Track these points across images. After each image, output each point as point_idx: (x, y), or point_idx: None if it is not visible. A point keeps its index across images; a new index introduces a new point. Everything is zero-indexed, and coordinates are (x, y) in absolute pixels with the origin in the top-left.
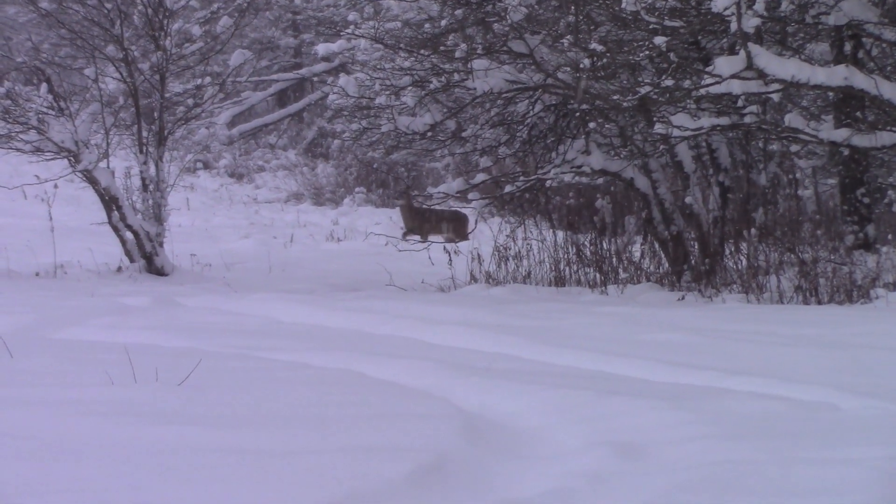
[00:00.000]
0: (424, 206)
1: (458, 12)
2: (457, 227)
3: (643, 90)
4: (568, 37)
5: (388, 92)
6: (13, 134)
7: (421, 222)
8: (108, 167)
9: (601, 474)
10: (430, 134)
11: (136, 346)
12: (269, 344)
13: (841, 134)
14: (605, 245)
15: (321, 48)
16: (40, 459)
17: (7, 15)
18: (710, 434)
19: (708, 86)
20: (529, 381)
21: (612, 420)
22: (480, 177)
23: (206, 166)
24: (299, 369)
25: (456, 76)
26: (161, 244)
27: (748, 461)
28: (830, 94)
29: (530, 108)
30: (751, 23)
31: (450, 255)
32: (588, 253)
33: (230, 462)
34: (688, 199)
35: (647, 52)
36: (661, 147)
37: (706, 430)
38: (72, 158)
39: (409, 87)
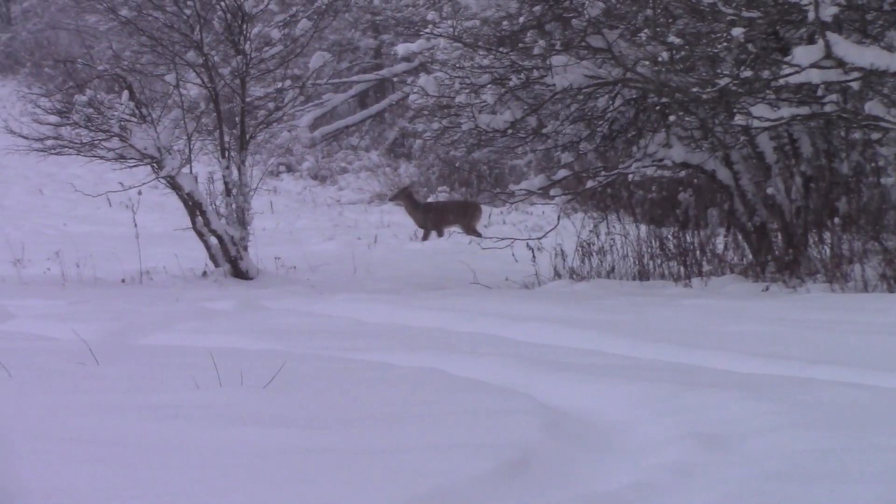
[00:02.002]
0: (427, 201)
1: (536, 9)
2: (465, 218)
3: (722, 82)
4: (646, 30)
5: (467, 90)
6: (96, 142)
7: (427, 217)
8: (190, 172)
9: (685, 466)
10: (510, 131)
11: (221, 350)
12: (354, 344)
13: None
14: (688, 238)
15: (401, 48)
16: (126, 465)
17: (88, 23)
18: (794, 423)
19: (787, 76)
20: (613, 375)
21: (695, 412)
22: (562, 173)
23: (289, 169)
24: (384, 369)
25: (535, 73)
26: (245, 248)
27: (833, 450)
28: None
29: (610, 102)
30: (829, 11)
31: (533, 252)
32: (671, 246)
33: (316, 462)
34: (770, 190)
35: (725, 44)
36: (742, 138)
37: (790, 419)
38: (155, 165)
39: (489, 85)
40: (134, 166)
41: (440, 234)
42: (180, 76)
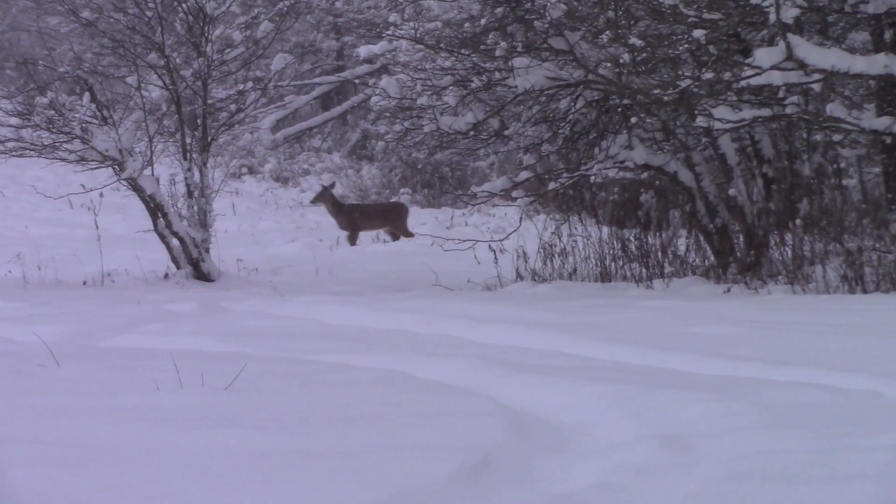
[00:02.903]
0: (352, 203)
1: (498, 10)
2: (394, 220)
3: (683, 84)
4: (607, 32)
5: (429, 92)
6: (58, 144)
7: (352, 219)
8: (152, 174)
9: (647, 467)
10: (472, 133)
11: (182, 352)
12: (316, 346)
13: (883, 122)
14: (650, 239)
15: (363, 50)
16: (86, 467)
17: (49, 25)
18: (755, 424)
19: (748, 77)
20: (575, 377)
21: (657, 413)
22: (524, 174)
23: (251, 171)
24: (346, 371)
25: (497, 74)
26: (207, 250)
27: (793, 450)
28: (871, 82)
29: (572, 104)
30: (790, 13)
31: (495, 253)
32: (633, 248)
33: (278, 465)
34: (732, 192)
35: (686, 46)
36: (704, 140)
37: (751, 420)
38: (116, 167)
39: (451, 87)
40: (96, 168)
41: (354, 240)
42: (142, 78)
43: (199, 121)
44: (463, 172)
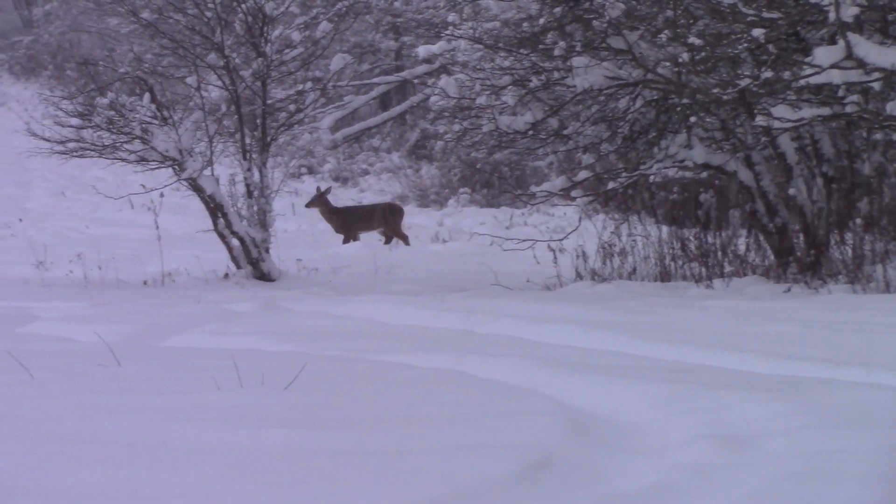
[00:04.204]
0: (346, 206)
1: (557, 10)
2: (388, 221)
3: (743, 83)
4: (666, 31)
5: (488, 92)
6: (118, 144)
7: (346, 222)
8: (212, 175)
9: (706, 467)
10: (531, 132)
11: (242, 352)
12: (375, 346)
13: None
14: (709, 239)
15: (421, 50)
16: (147, 466)
17: (110, 26)
18: (814, 424)
19: (808, 76)
20: (634, 377)
21: (716, 413)
22: (583, 174)
23: (311, 171)
24: (405, 370)
25: (556, 74)
26: (267, 250)
27: (853, 450)
28: None
29: (631, 103)
30: (849, 12)
31: (555, 253)
32: (693, 247)
33: (337, 464)
34: (791, 191)
35: (745, 45)
36: (763, 139)
37: (810, 420)
38: (176, 167)
39: (510, 87)
40: (156, 168)
41: (355, 238)
42: (201, 78)
43: (258, 121)
44: (522, 172)
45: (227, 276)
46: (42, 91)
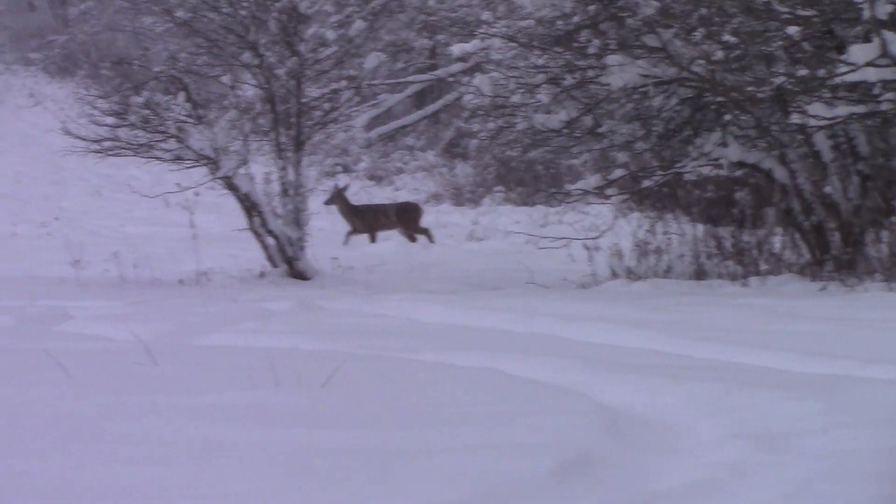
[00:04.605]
0: (364, 204)
1: (591, 8)
2: (406, 219)
3: (777, 81)
4: (701, 29)
5: (522, 90)
6: (153, 143)
7: (363, 220)
8: (247, 173)
9: (742, 465)
10: (565, 131)
11: (278, 350)
12: (411, 345)
13: None
14: (744, 237)
15: (455, 48)
16: (181, 464)
17: (144, 25)
18: (849, 423)
19: (842, 74)
20: (670, 375)
21: (752, 411)
22: (618, 172)
23: (346, 169)
24: (441, 369)
25: (590, 72)
26: (302, 248)
27: (888, 449)
28: None
29: (665, 101)
30: (884, 9)
31: (590, 251)
32: (728, 245)
33: (372, 463)
34: (827, 189)
35: (780, 43)
36: (798, 137)
37: (846, 419)
38: (211, 166)
39: (544, 85)
40: (191, 167)
41: (373, 238)
42: (236, 77)
43: (293, 119)
44: (556, 170)
45: (262, 274)
46: (77, 90)
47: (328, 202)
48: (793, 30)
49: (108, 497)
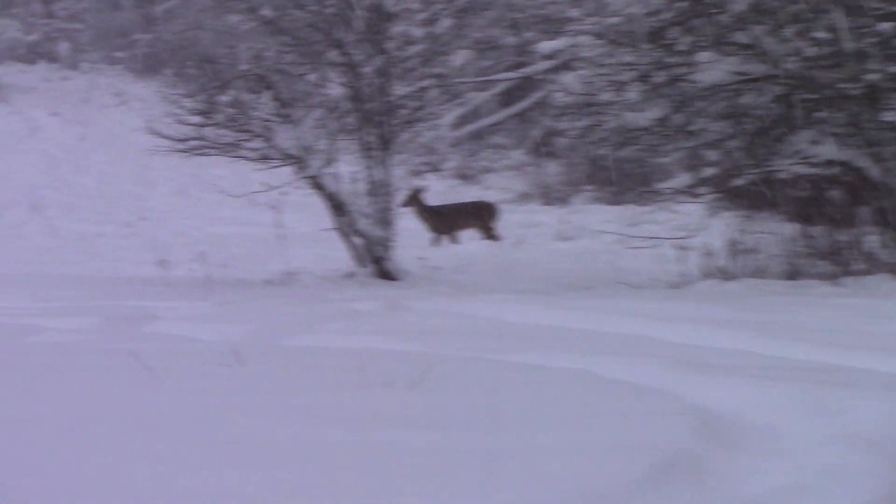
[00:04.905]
0: (439, 204)
1: (681, 5)
2: (481, 219)
3: (870, 78)
4: (792, 26)
5: (611, 88)
6: (239, 142)
7: (440, 221)
8: (333, 172)
9: (836, 468)
10: (655, 129)
11: (366, 351)
12: (501, 345)
13: None
14: (838, 236)
15: (543, 46)
16: (271, 467)
17: (230, 24)
18: None
19: None
20: (762, 377)
21: (847, 413)
22: (709, 171)
23: (433, 169)
24: (530, 370)
25: (680, 69)
26: (390, 248)
27: None
28: None
29: (757, 99)
30: None
31: (681, 251)
32: (821, 245)
33: (462, 464)
34: None
35: (873, 39)
36: (892, 135)
37: None
38: (298, 165)
39: (633, 82)
40: (277, 167)
41: (453, 240)
42: (322, 76)
43: (379, 118)
44: (647, 169)
45: (350, 275)
46: (163, 89)
47: (404, 204)
48: (885, 26)
49: (203, 501)
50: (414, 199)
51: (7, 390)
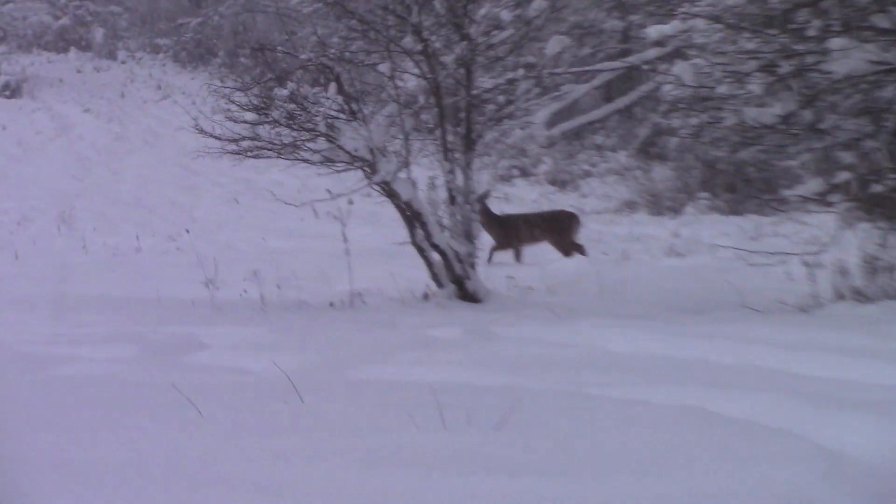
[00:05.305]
0: (508, 213)
1: None
2: (556, 232)
3: None
4: None
5: (730, 79)
6: (299, 142)
7: (507, 233)
8: (408, 178)
9: None
10: (781, 127)
11: (444, 385)
12: (601, 378)
13: None
14: None
15: (652, 31)
16: None
17: (289, 5)
18: None
19: None
20: None
21: None
22: (843, 176)
23: (524, 173)
24: (635, 407)
25: (809, 58)
26: (473, 265)
27: None
28: None
29: None
30: None
31: (810, 268)
32: None
33: None
34: None
35: None
36: None
37: None
38: (367, 169)
39: (756, 73)
40: (343, 171)
41: (517, 256)
42: (396, 66)
43: (462, 115)
44: (771, 173)
45: (426, 296)
46: (212, 81)
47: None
48: None
49: None
50: (479, 206)
51: (30, 430)
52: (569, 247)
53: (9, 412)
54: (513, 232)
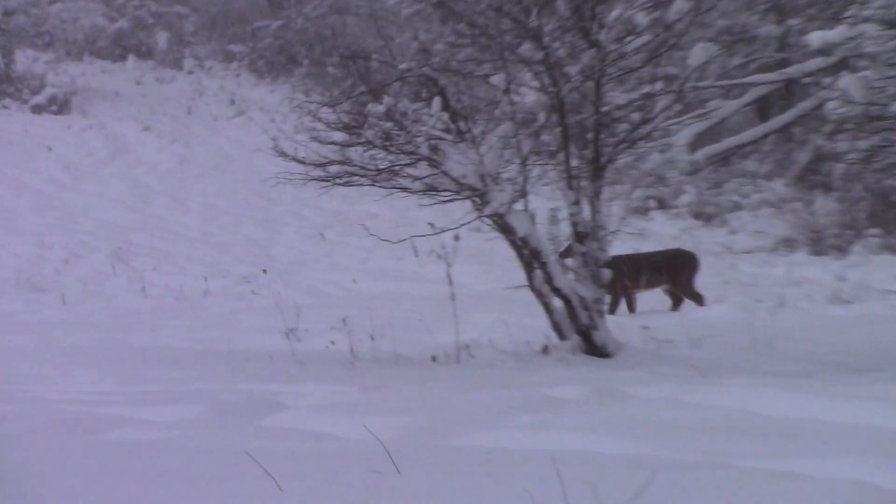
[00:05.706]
0: (614, 255)
1: None
2: (672, 275)
3: None
4: None
5: None
6: (397, 167)
7: (614, 276)
8: (526, 209)
9: None
10: None
11: (567, 454)
12: (751, 448)
13: None
14: None
15: (814, 37)
16: None
17: (385, 7)
18: None
19: None
20: None
21: None
22: None
23: (662, 205)
24: (790, 481)
25: None
26: (602, 314)
27: None
28: None
29: None
30: None
31: None
32: None
33: None
34: None
35: None
36: None
37: None
38: (476, 199)
39: None
40: (448, 201)
41: (630, 304)
42: (511, 77)
43: (589, 136)
44: None
45: (545, 349)
46: (294, 95)
47: (563, 254)
48: None
49: None
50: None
51: None
52: (684, 292)
53: (46, 486)
54: (615, 276)
